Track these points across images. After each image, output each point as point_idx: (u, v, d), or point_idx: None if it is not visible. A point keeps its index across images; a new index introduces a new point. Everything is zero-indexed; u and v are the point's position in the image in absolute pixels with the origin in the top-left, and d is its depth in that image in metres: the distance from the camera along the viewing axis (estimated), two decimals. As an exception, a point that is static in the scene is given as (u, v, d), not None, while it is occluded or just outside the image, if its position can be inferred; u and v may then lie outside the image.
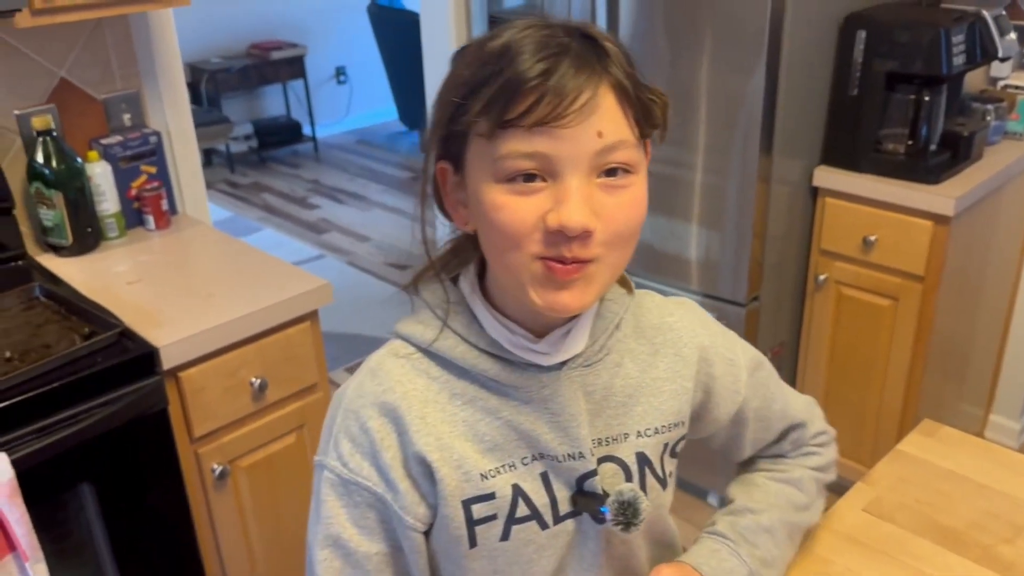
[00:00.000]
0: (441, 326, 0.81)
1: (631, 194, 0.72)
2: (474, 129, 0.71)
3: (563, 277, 0.71)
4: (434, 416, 0.80)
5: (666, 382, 0.86)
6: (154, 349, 1.47)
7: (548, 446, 0.80)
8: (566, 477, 0.82)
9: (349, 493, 0.81)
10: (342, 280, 3.97)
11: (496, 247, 0.73)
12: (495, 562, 0.82)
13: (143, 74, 1.99)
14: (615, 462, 0.84)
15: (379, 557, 0.82)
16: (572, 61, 0.69)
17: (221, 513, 1.65)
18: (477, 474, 0.79)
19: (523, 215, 0.70)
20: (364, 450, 0.80)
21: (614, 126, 0.70)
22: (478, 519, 0.80)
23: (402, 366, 0.82)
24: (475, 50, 0.73)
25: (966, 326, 2.34)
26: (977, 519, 1.05)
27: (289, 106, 5.83)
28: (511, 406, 0.80)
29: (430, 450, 0.79)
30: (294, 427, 1.72)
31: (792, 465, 0.99)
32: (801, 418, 1.00)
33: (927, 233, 2.02)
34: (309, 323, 1.68)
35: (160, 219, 1.95)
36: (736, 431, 0.96)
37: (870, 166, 2.09)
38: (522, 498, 0.80)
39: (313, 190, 5.19)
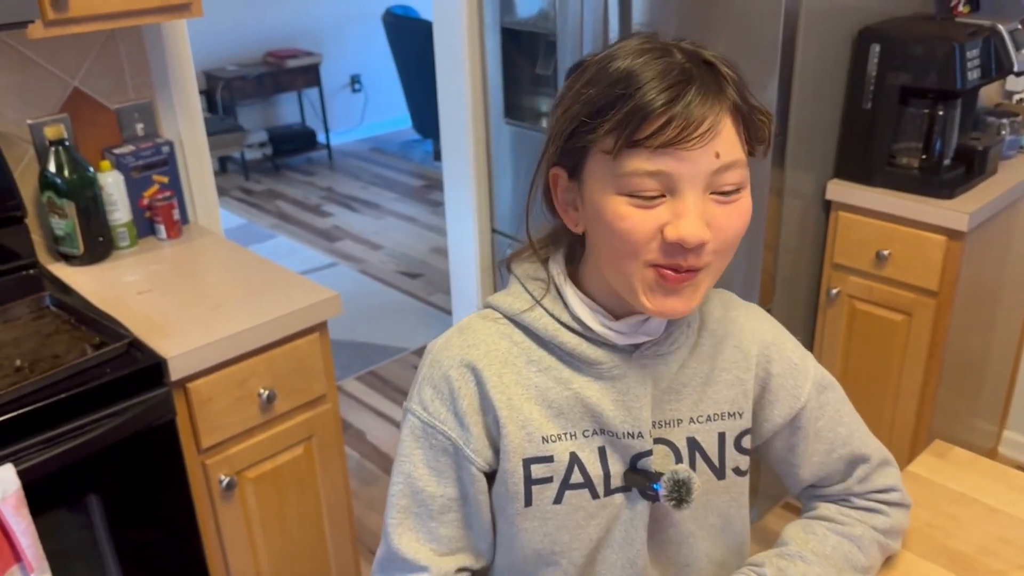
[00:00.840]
0: (531, 299, 0.89)
1: (739, 206, 0.79)
2: (599, 145, 0.78)
3: (674, 284, 0.78)
4: (509, 377, 0.87)
5: (723, 372, 0.91)
6: (162, 360, 1.47)
7: (610, 422, 0.87)
8: (622, 453, 0.89)
9: (427, 436, 0.89)
10: (354, 288, 3.98)
11: (613, 252, 0.80)
12: (546, 524, 0.89)
13: (156, 84, 2.00)
14: (667, 445, 0.90)
15: (443, 500, 0.90)
16: (697, 89, 0.75)
17: (228, 524, 1.65)
18: (539, 436, 0.87)
19: (643, 226, 0.77)
20: (444, 397, 0.88)
21: (730, 147, 0.77)
22: (536, 479, 0.87)
23: (488, 328, 0.90)
24: (598, 71, 0.79)
25: (980, 342, 2.31)
26: (988, 544, 1.04)
27: (304, 114, 5.86)
28: (582, 380, 0.87)
29: (501, 407, 0.86)
30: (302, 438, 1.71)
31: (856, 520, 0.96)
32: (868, 453, 0.98)
33: (941, 248, 2.00)
34: (318, 334, 1.68)
35: (172, 229, 1.95)
36: (793, 441, 0.96)
37: (883, 180, 2.08)
38: (578, 466, 0.87)
39: (327, 198, 5.21)
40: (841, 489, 0.99)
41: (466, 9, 2.54)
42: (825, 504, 0.99)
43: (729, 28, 1.96)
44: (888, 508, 0.98)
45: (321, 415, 1.74)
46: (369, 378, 3.23)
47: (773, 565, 0.91)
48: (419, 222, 4.78)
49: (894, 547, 1.00)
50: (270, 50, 5.59)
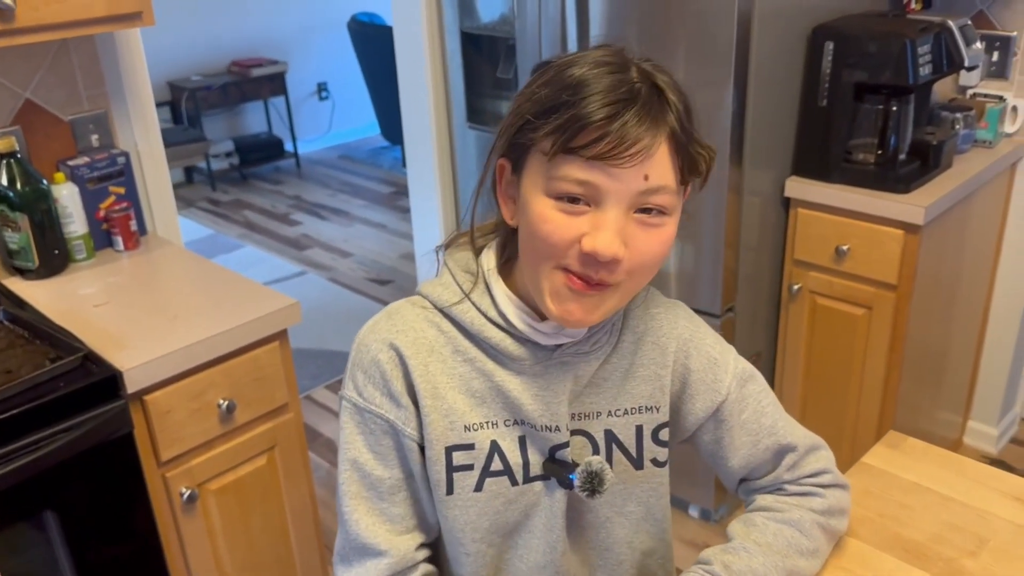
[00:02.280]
0: (460, 292, 0.90)
1: (661, 233, 0.81)
2: (539, 145, 0.80)
3: (580, 290, 0.80)
4: (435, 366, 0.89)
5: (641, 368, 0.94)
6: (118, 372, 1.45)
7: (529, 415, 0.90)
8: (540, 444, 0.91)
9: (365, 421, 0.90)
10: (323, 296, 3.96)
11: (532, 251, 0.82)
12: (467, 512, 0.91)
13: (111, 94, 1.98)
14: (585, 436, 0.93)
15: (391, 481, 0.91)
16: (638, 111, 0.77)
17: (191, 537, 1.64)
18: (462, 425, 0.89)
19: (563, 232, 0.78)
20: (375, 380, 0.89)
21: (661, 172, 0.79)
22: (457, 466, 0.89)
23: (417, 314, 0.91)
24: (555, 73, 0.81)
25: (941, 333, 2.34)
26: (940, 532, 1.05)
27: (271, 123, 5.83)
28: (504, 374, 0.89)
29: (425, 395, 0.88)
30: (264, 449, 1.70)
31: (792, 506, 0.97)
32: (794, 441, 0.99)
33: (898, 242, 2.02)
34: (278, 343, 1.67)
35: (129, 240, 1.93)
36: (719, 434, 0.97)
37: (841, 176, 2.10)
38: (498, 454, 0.90)
39: (295, 206, 5.18)
40: (772, 479, 1.00)
41: (425, 14, 2.54)
42: (761, 496, 1.01)
43: (686, 30, 1.97)
44: (822, 489, 0.99)
45: (283, 424, 1.72)
46: (339, 386, 3.21)
47: (719, 561, 0.92)
48: (389, 229, 4.77)
49: (838, 527, 1.01)
50: (235, 59, 5.56)
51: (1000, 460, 2.63)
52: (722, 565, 0.92)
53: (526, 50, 2.33)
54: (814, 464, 1.00)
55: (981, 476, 1.14)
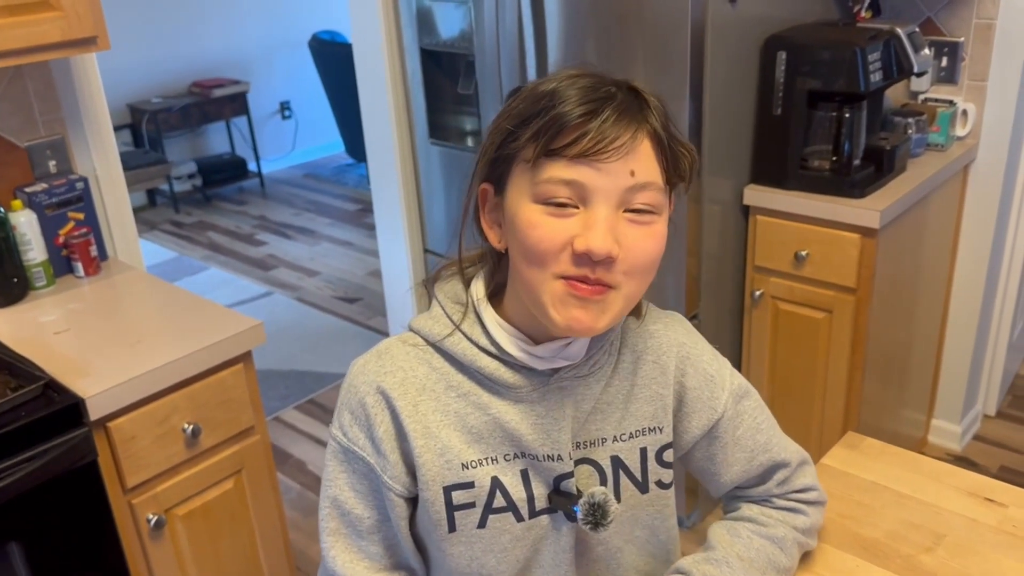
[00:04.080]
0: (451, 324, 0.88)
1: (652, 230, 0.80)
2: (521, 155, 0.80)
3: (583, 295, 0.78)
4: (427, 405, 0.87)
5: (643, 388, 0.92)
6: (80, 400, 1.44)
7: (530, 445, 0.87)
8: (544, 476, 0.89)
9: (348, 460, 0.90)
10: (291, 316, 3.94)
11: (524, 262, 0.80)
12: (472, 548, 0.89)
13: (68, 119, 1.96)
14: (591, 464, 0.91)
15: (370, 521, 0.91)
16: (616, 108, 0.77)
17: (160, 563, 1.62)
18: (459, 463, 0.87)
19: (554, 235, 0.77)
20: (361, 423, 0.88)
21: (646, 168, 0.78)
22: (457, 505, 0.87)
23: (407, 353, 0.90)
24: (529, 90, 0.82)
25: (902, 334, 2.38)
26: (898, 529, 1.07)
27: (233, 143, 5.80)
28: (501, 404, 0.87)
29: (416, 436, 0.86)
30: (231, 472, 1.69)
31: (778, 522, 0.97)
32: (787, 457, 0.99)
33: (856, 246, 2.06)
34: (242, 365, 1.66)
35: (89, 266, 1.92)
36: (712, 451, 0.96)
37: (797, 183, 2.13)
38: (500, 490, 0.88)
39: (260, 226, 5.15)
40: (762, 491, 0.99)
41: (384, 32, 2.55)
42: (747, 504, 1.00)
43: (643, 41, 2.00)
44: (807, 507, 1.00)
45: (250, 447, 1.71)
46: (309, 407, 3.20)
47: (699, 571, 0.92)
48: (356, 246, 4.75)
49: (812, 544, 1.02)
50: (196, 80, 5.53)
51: (964, 457, 2.68)
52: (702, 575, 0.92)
53: (485, 66, 2.35)
54: (802, 479, 1.00)
55: (937, 473, 1.17)
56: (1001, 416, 2.85)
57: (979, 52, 2.32)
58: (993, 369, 2.77)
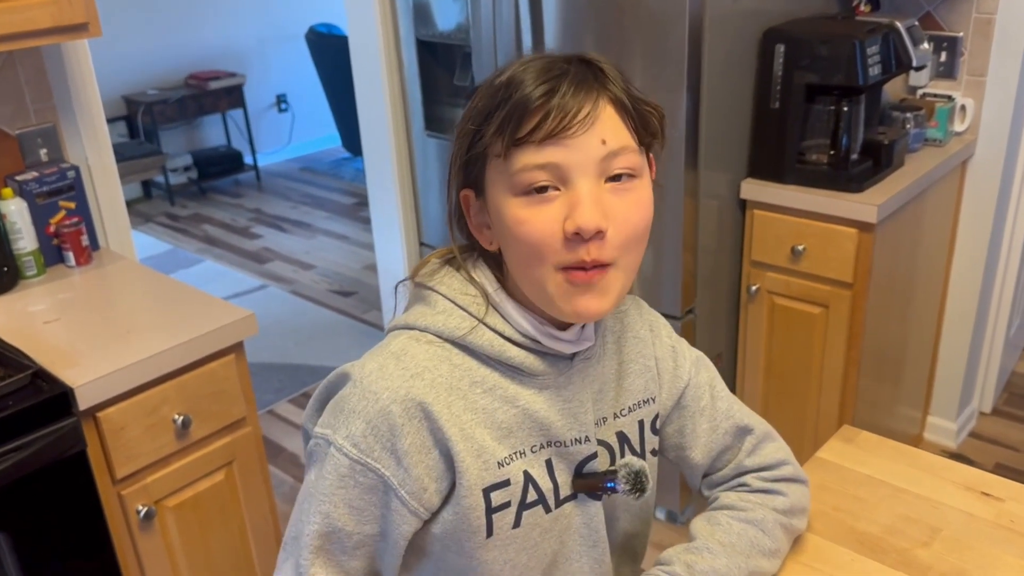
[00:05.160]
0: (469, 316, 0.85)
1: (637, 196, 0.80)
2: (491, 151, 0.79)
3: (585, 281, 0.78)
4: (458, 405, 0.83)
5: (632, 363, 0.94)
6: (69, 389, 1.42)
7: (558, 432, 0.87)
8: (568, 462, 0.89)
9: (353, 473, 0.82)
10: (285, 309, 3.92)
11: (521, 260, 0.80)
12: (507, 551, 0.87)
13: (59, 107, 1.94)
14: (602, 444, 0.92)
15: (360, 537, 0.85)
16: (572, 80, 0.77)
17: (149, 555, 1.61)
18: (495, 462, 0.84)
19: (543, 225, 0.77)
20: (380, 434, 0.81)
21: (615, 134, 0.78)
22: (496, 507, 0.84)
23: (427, 351, 0.84)
24: (486, 86, 0.82)
25: (898, 330, 2.37)
26: (894, 524, 1.06)
27: (229, 136, 5.77)
28: (528, 394, 0.86)
29: (455, 440, 0.82)
30: (222, 464, 1.68)
31: (756, 504, 0.98)
32: (751, 424, 1.00)
33: (853, 241, 2.05)
34: (234, 356, 1.65)
35: (80, 255, 1.90)
36: (681, 423, 0.99)
37: (795, 177, 2.12)
38: (531, 484, 0.86)
39: (255, 219, 5.13)
40: (734, 467, 1.01)
41: (380, 24, 2.53)
42: (725, 493, 1.01)
43: (640, 34, 1.98)
44: (784, 486, 1.00)
45: (241, 439, 1.70)
46: (302, 400, 3.18)
47: (681, 562, 0.92)
48: (351, 240, 4.74)
49: (799, 526, 1.01)
50: (192, 72, 5.50)
51: (960, 454, 2.67)
52: (684, 565, 0.91)
53: (482, 57, 2.34)
54: (774, 454, 1.01)
55: (933, 467, 1.16)
56: (997, 413, 2.85)
57: (978, 47, 2.31)
58: (989, 366, 2.76)
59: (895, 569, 0.99)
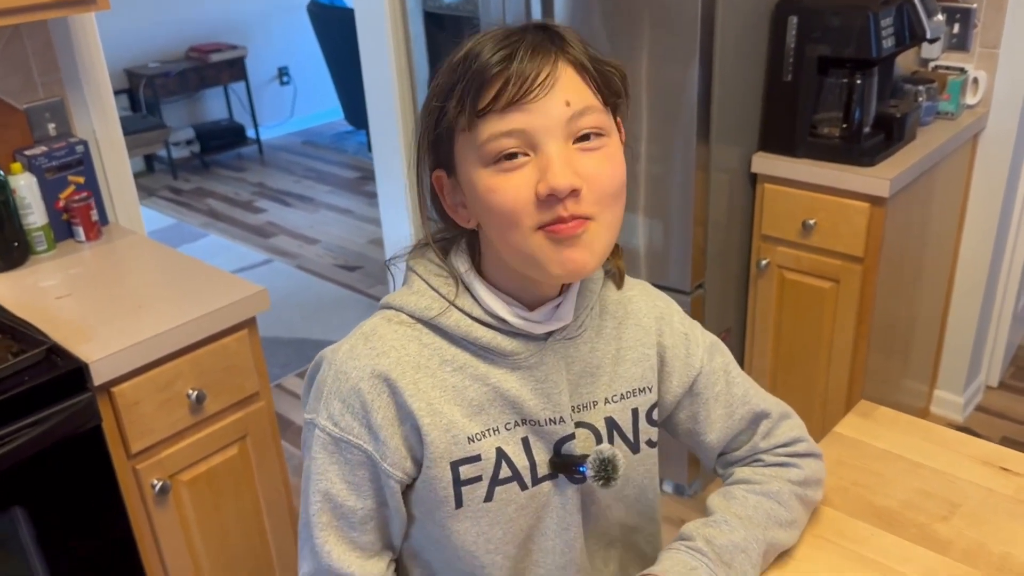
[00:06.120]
0: (440, 298, 0.86)
1: (607, 152, 0.79)
2: (456, 126, 0.79)
3: (568, 233, 0.77)
4: (425, 382, 0.85)
5: (630, 350, 0.94)
6: (84, 364, 1.43)
7: (531, 411, 0.87)
8: (546, 441, 0.89)
9: (340, 451, 0.86)
10: (291, 284, 3.92)
11: (498, 229, 0.80)
12: (479, 523, 0.88)
13: (67, 81, 1.93)
14: (587, 428, 0.91)
15: (364, 511, 0.88)
16: (527, 45, 0.77)
17: (164, 529, 1.62)
18: (464, 437, 0.85)
19: (515, 192, 0.77)
20: (354, 411, 0.85)
21: (578, 94, 0.78)
22: (464, 480, 0.86)
23: (395, 332, 0.87)
24: (446, 64, 0.81)
25: (907, 304, 2.37)
26: (912, 498, 1.06)
27: (231, 109, 5.74)
28: (499, 373, 0.87)
29: (422, 414, 0.84)
30: (236, 438, 1.68)
31: (771, 477, 0.98)
32: (767, 408, 1.00)
33: (864, 215, 2.04)
34: (247, 331, 1.65)
35: (90, 230, 1.90)
36: (695, 409, 0.98)
37: (806, 151, 2.11)
38: (505, 461, 0.87)
39: (259, 193, 5.12)
40: (749, 448, 1.01)
41: (387, -5, 2.51)
42: (740, 468, 1.02)
43: (651, 6, 1.96)
44: (798, 460, 1.00)
45: (255, 414, 1.70)
46: (310, 374, 3.18)
47: (701, 536, 0.93)
48: (355, 214, 4.73)
49: (814, 497, 1.02)
50: (193, 45, 5.46)
51: (966, 428, 2.68)
52: (704, 540, 0.92)
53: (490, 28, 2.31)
54: (788, 432, 1.01)
55: (950, 442, 1.16)
56: (1004, 387, 2.85)
57: (992, 19, 2.29)
58: (997, 340, 2.76)
59: (915, 543, 0.99)
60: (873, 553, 0.98)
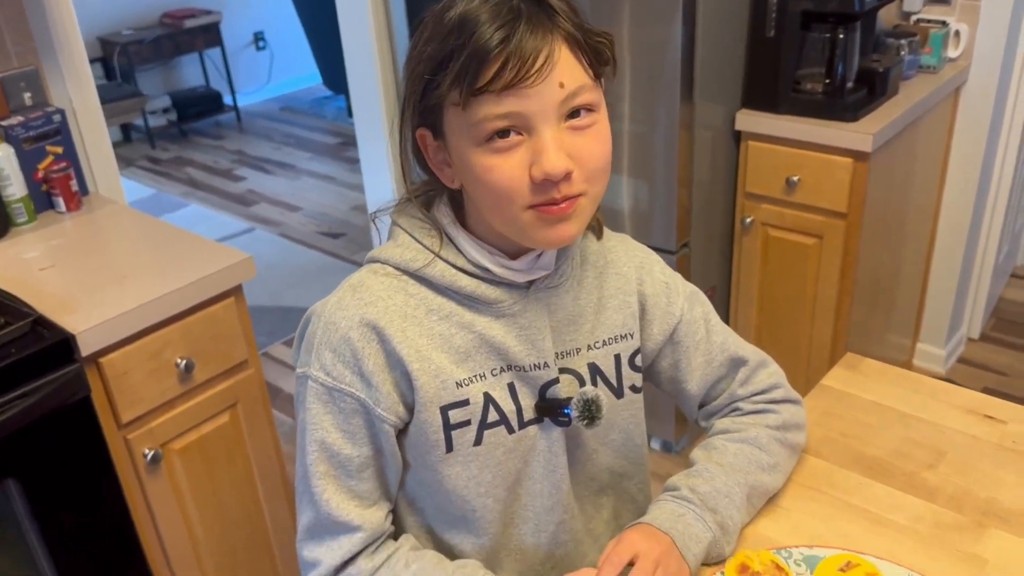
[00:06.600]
0: (424, 250, 0.88)
1: (596, 131, 0.81)
2: (448, 99, 0.79)
3: (559, 214, 0.80)
4: (413, 331, 0.87)
5: (611, 298, 0.96)
6: (70, 335, 1.42)
7: (516, 357, 0.89)
8: (531, 386, 0.91)
9: (334, 400, 0.88)
10: (274, 252, 3.90)
11: (491, 204, 0.82)
12: (469, 467, 0.91)
13: (41, 50, 1.89)
14: (571, 373, 0.94)
15: (360, 459, 0.89)
16: (527, 25, 0.76)
17: (157, 498, 1.62)
18: (453, 382, 0.87)
19: (510, 173, 0.78)
20: (346, 359, 0.86)
21: (572, 75, 0.78)
22: (454, 424, 0.88)
23: (382, 283, 0.89)
24: (434, 23, 0.79)
25: (890, 259, 2.39)
26: (900, 447, 1.08)
27: (208, 76, 5.66)
28: (484, 321, 0.89)
29: (410, 360, 0.86)
30: (226, 406, 1.68)
31: (748, 424, 1.01)
32: (745, 355, 1.03)
33: (847, 170, 2.05)
34: (234, 299, 1.64)
35: (71, 201, 1.87)
36: (676, 358, 1.01)
37: (790, 107, 2.11)
38: (492, 405, 0.89)
39: (238, 161, 5.07)
40: (727, 396, 1.03)
41: (364, -45, 2.47)
42: (719, 420, 1.04)
43: (631, -38, 1.95)
44: (776, 405, 1.03)
45: (244, 381, 1.70)
46: (296, 341, 3.18)
47: (685, 486, 0.95)
48: (337, 180, 4.69)
49: (795, 441, 1.04)
50: (166, 11, 5.36)
51: (948, 379, 2.72)
52: (689, 488, 0.95)
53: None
54: (766, 379, 1.04)
55: (936, 392, 1.18)
56: (985, 339, 2.89)
57: (973, -30, 2.28)
58: (978, 292, 2.80)
59: (903, 492, 1.01)
60: (862, 501, 1.00)
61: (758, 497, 0.99)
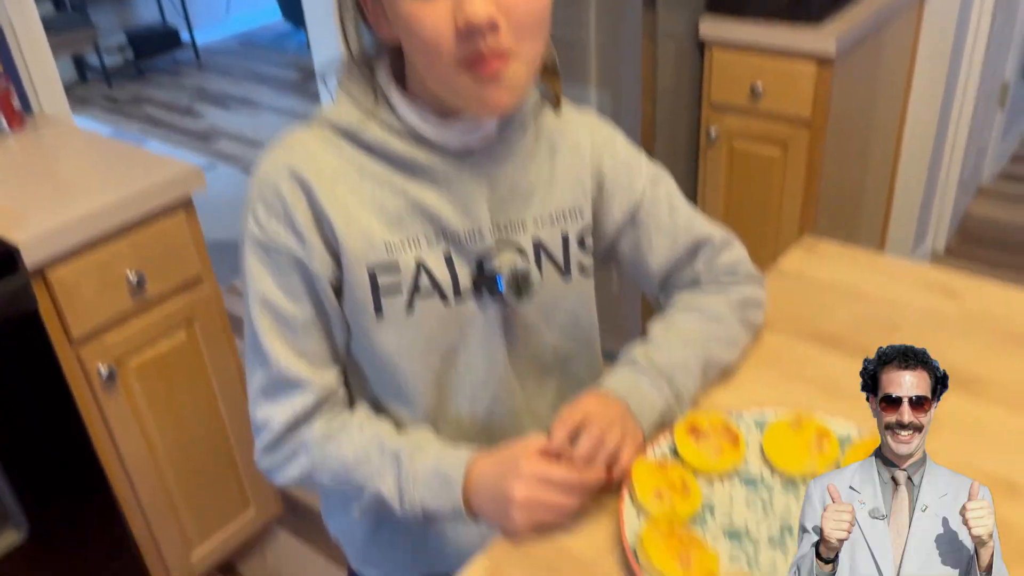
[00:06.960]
0: (357, 108, 0.86)
1: None
2: None
3: (489, 72, 0.76)
4: (342, 190, 0.85)
5: (563, 174, 0.93)
6: (13, 248, 1.37)
7: (449, 224, 0.87)
8: (467, 257, 0.89)
9: (270, 256, 0.86)
10: (238, 188, 3.83)
11: (421, 57, 0.79)
12: (401, 336, 0.89)
13: (-28, -39, 1.81)
14: (514, 248, 0.91)
15: (304, 318, 0.88)
16: None
17: (115, 416, 1.60)
18: (381, 242, 0.86)
19: (434, 19, 0.75)
20: (278, 213, 0.85)
21: None
22: (384, 289, 0.86)
23: (315, 138, 0.87)
24: None
25: (855, 170, 2.38)
26: (855, 322, 1.08)
27: (163, 11, 5.50)
28: (417, 186, 0.86)
29: (336, 217, 0.84)
30: (182, 323, 1.65)
31: (709, 299, 1.00)
32: (710, 234, 1.01)
33: (811, 76, 2.02)
34: (184, 214, 1.60)
35: (13, 119, 1.81)
36: (637, 237, 0.99)
37: (755, 9, 2.06)
38: (425, 272, 0.87)
39: (198, 98, 4.95)
40: (689, 273, 1.02)
41: None
42: (679, 293, 1.03)
43: None
44: (737, 282, 1.02)
45: (201, 299, 1.67)
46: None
47: (642, 355, 0.94)
48: (300, 114, 4.60)
49: (753, 318, 1.03)
50: (117, -56, 5.19)
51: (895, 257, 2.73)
52: (645, 358, 0.93)
53: None
54: (729, 257, 1.03)
55: (893, 270, 1.18)
56: (950, 253, 2.91)
57: None
58: (943, 205, 2.80)
59: (857, 360, 1.00)
60: (816, 372, 0.99)
61: (713, 370, 0.98)
